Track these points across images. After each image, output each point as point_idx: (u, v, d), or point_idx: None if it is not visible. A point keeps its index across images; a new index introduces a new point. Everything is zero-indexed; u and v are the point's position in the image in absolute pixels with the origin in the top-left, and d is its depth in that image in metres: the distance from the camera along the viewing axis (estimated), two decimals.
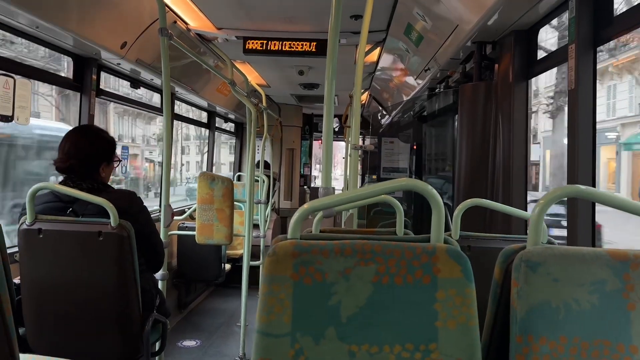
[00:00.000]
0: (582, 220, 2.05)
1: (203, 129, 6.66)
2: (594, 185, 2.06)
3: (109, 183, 2.43)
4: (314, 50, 4.03)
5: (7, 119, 2.75)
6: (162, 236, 2.61)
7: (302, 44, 4.04)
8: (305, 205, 1.16)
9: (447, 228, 2.00)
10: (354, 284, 1.11)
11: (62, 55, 3.30)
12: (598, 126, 2.07)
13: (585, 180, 2.05)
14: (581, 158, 2.06)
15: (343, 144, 6.64)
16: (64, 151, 2.27)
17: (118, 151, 2.53)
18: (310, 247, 1.12)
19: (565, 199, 1.81)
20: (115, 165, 2.47)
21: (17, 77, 2.76)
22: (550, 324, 1.08)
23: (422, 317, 1.10)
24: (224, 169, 9.80)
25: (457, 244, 1.16)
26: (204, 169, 6.62)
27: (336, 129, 8.87)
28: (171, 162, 3.02)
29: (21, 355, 2.07)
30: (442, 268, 1.10)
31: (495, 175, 2.93)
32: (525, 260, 1.10)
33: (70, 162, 2.24)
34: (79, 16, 2.80)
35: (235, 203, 4.33)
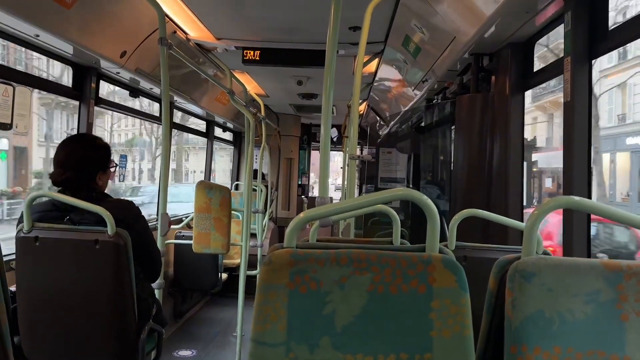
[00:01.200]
0: (577, 231, 2.06)
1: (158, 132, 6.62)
2: (589, 197, 2.07)
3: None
4: (312, 60, 4.06)
5: (6, 126, 2.76)
6: (158, 245, 2.61)
7: (300, 55, 4.07)
8: (301, 215, 1.17)
9: (444, 238, 2.01)
10: (349, 293, 1.11)
11: None
12: None
13: (580, 191, 2.06)
14: (576, 169, 2.08)
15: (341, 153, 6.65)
16: (59, 163, 2.25)
17: (116, 160, 2.53)
18: (306, 255, 1.12)
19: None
20: (112, 171, 2.46)
21: (16, 85, 2.78)
22: (544, 334, 1.08)
23: (417, 327, 1.11)
24: (199, 178, 9.59)
25: (452, 254, 1.17)
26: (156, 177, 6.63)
27: (335, 139, 8.90)
28: (169, 172, 3.03)
29: None
30: (437, 278, 1.11)
31: (491, 185, 2.94)
32: (520, 270, 1.11)
33: (66, 174, 2.22)
34: (79, 25, 2.82)
35: (232, 212, 4.33)
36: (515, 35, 2.66)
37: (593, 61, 2.10)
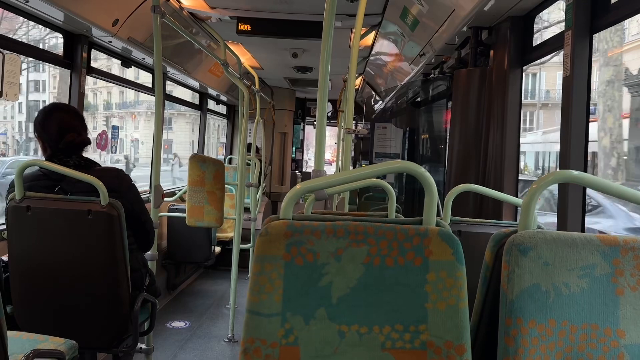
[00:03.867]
0: (572, 206, 2.07)
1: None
2: (585, 171, 2.07)
3: None
4: (308, 32, 3.99)
5: None
6: (152, 216, 2.59)
7: (296, 26, 3.99)
8: (297, 186, 1.15)
9: (438, 213, 2.01)
10: (345, 264, 1.11)
11: None
12: None
13: (577, 166, 2.06)
14: (574, 144, 2.07)
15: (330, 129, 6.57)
16: (71, 128, 2.24)
17: (109, 131, 2.50)
18: (302, 227, 1.11)
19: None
20: None
21: (6, 52, 2.71)
22: (539, 307, 1.09)
23: (412, 299, 1.11)
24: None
25: (449, 227, 1.17)
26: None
27: (329, 114, 8.84)
28: (161, 143, 3.00)
29: (9, 332, 2.06)
30: (433, 250, 1.11)
31: (487, 161, 2.93)
32: (517, 244, 1.10)
33: (82, 136, 2.26)
34: None
35: (226, 186, 4.31)
36: (516, 8, 2.62)
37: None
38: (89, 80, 3.47)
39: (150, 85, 4.59)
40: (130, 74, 4.51)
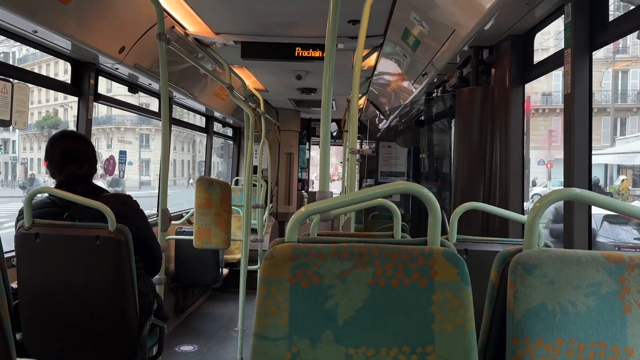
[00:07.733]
0: (578, 223, 2.06)
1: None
2: (589, 189, 2.07)
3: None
4: (312, 55, 4.05)
5: (5, 123, 2.75)
6: (159, 240, 2.61)
7: (300, 49, 4.05)
8: (302, 209, 1.17)
9: (445, 232, 2.01)
10: (351, 286, 1.11)
11: None
12: None
13: (581, 183, 2.06)
14: (577, 161, 2.07)
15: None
16: (75, 158, 2.27)
17: (116, 155, 2.54)
18: (307, 250, 1.12)
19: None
20: None
21: (15, 81, 2.77)
22: (546, 326, 1.08)
23: (418, 320, 1.11)
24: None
25: (454, 247, 1.17)
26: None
27: (334, 134, 8.88)
28: (168, 167, 3.03)
29: None
30: (438, 271, 1.11)
31: (492, 179, 2.94)
32: (522, 262, 1.11)
33: (84, 167, 2.27)
34: (77, 21, 2.81)
35: (233, 207, 4.33)
36: (515, 27, 2.65)
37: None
38: (59, 95, 3.53)
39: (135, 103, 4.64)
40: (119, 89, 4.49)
